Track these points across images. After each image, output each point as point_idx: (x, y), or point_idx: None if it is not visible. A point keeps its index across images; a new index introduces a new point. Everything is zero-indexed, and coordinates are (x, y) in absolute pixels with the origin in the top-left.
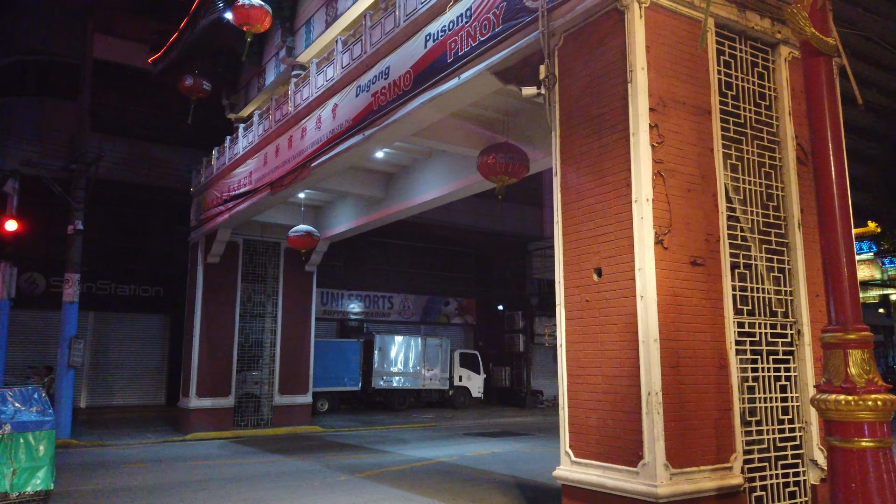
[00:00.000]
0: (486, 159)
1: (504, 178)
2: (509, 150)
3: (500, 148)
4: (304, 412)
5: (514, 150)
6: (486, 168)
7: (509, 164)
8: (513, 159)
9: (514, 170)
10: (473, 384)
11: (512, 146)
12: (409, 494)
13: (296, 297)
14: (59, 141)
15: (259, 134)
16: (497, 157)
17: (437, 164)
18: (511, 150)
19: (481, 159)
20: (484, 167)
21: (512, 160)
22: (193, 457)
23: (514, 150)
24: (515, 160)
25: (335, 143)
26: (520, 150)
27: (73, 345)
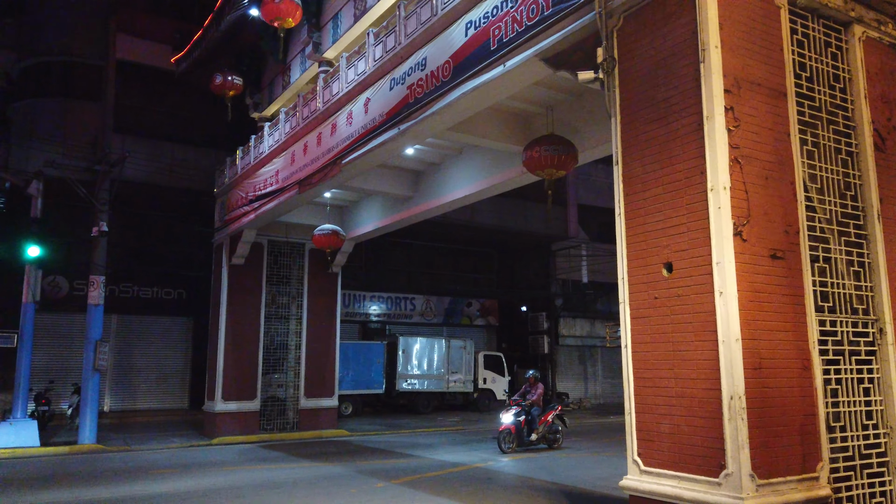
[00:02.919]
0: (532, 153)
1: (552, 172)
2: (556, 141)
3: (546, 140)
4: (331, 416)
5: (561, 142)
6: (533, 162)
7: (557, 156)
8: (560, 151)
9: (563, 162)
10: (498, 387)
11: (559, 138)
12: (452, 503)
13: (320, 299)
14: (81, 142)
15: (286, 132)
16: (544, 149)
17: (468, 160)
18: (558, 142)
19: (527, 153)
20: (531, 161)
21: (560, 152)
22: (222, 462)
23: (562, 142)
24: (563, 152)
25: (368, 139)
26: (567, 141)
27: (98, 348)
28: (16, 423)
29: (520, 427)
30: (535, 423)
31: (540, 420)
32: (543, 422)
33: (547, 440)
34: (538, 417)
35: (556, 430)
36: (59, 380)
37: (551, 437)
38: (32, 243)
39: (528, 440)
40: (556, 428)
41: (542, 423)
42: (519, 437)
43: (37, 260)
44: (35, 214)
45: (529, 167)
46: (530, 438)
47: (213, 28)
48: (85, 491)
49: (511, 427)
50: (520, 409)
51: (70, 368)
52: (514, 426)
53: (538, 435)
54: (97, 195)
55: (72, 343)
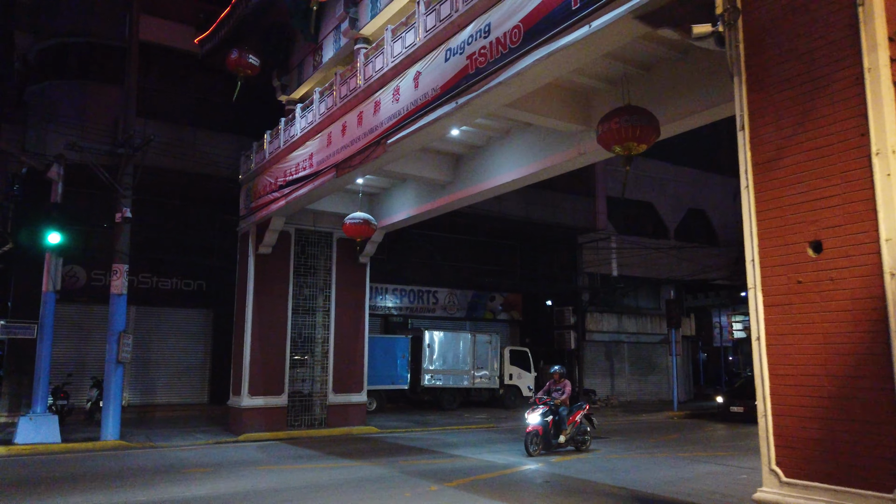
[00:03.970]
0: (609, 125)
1: (632, 146)
2: (636, 112)
3: (625, 111)
4: (359, 412)
5: (641, 113)
6: (612, 134)
7: (639, 127)
8: (642, 122)
9: (644, 135)
10: (524, 383)
11: (637, 109)
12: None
13: (349, 291)
14: (101, 126)
15: (321, 113)
16: (625, 120)
17: (516, 142)
18: (639, 113)
19: (604, 126)
20: (607, 134)
21: (641, 123)
22: (255, 461)
23: (642, 113)
24: (645, 123)
25: (418, 116)
26: (648, 112)
27: (122, 340)
28: (36, 418)
29: (547, 428)
30: (564, 423)
31: (568, 420)
32: (571, 422)
33: (575, 442)
34: (566, 418)
35: (584, 432)
36: (77, 373)
37: (580, 438)
38: (53, 230)
39: (556, 442)
40: (584, 429)
41: (569, 423)
42: (546, 439)
43: (57, 247)
44: (55, 199)
45: (605, 141)
46: (558, 440)
47: (242, 5)
48: (119, 494)
49: (538, 428)
50: (547, 408)
51: (87, 361)
52: (541, 427)
53: (566, 437)
54: (120, 180)
55: (89, 335)
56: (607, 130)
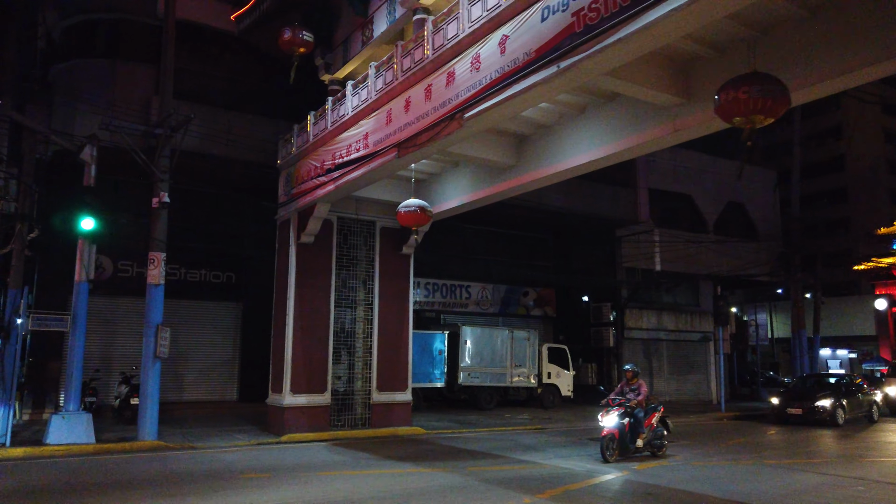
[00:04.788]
0: (735, 94)
1: (757, 119)
2: (763, 81)
3: (750, 80)
4: (404, 411)
5: (769, 82)
6: (735, 106)
7: (768, 99)
8: (771, 92)
9: (774, 106)
10: (563, 382)
11: (764, 76)
12: None
13: (392, 283)
14: (131, 107)
15: (378, 89)
16: (755, 89)
17: (594, 120)
18: (766, 82)
19: (725, 95)
20: (730, 105)
21: (769, 94)
22: (311, 465)
23: (770, 82)
24: (774, 93)
25: (505, 84)
26: (776, 80)
27: (159, 333)
28: (69, 416)
29: (623, 431)
30: (641, 426)
31: (644, 423)
32: (647, 425)
33: (652, 447)
34: (643, 420)
35: (660, 436)
36: (104, 369)
37: (657, 443)
38: (86, 215)
39: (633, 447)
40: (660, 433)
41: (646, 426)
42: (622, 444)
43: (91, 233)
44: (88, 183)
45: (726, 112)
46: (635, 445)
47: None
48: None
49: (614, 431)
50: (623, 410)
51: (115, 356)
52: (617, 430)
53: (644, 441)
54: (157, 162)
55: (116, 328)
56: (732, 101)
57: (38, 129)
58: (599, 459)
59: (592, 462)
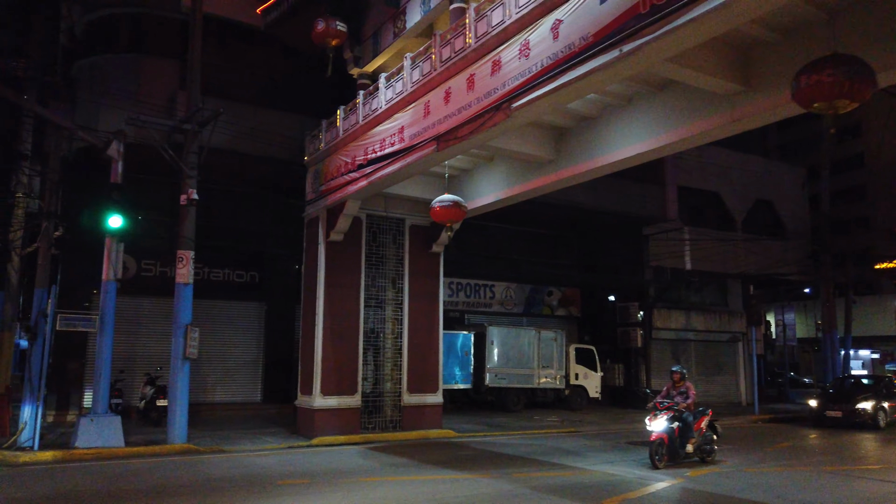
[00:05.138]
0: (815, 77)
1: (840, 104)
2: (847, 62)
3: (833, 62)
4: (435, 414)
5: (853, 63)
6: (816, 90)
7: (853, 82)
8: (856, 74)
9: (859, 90)
10: (591, 383)
11: (848, 57)
12: None
13: (422, 282)
14: (155, 102)
15: (414, 80)
16: (842, 71)
17: (643, 110)
18: (850, 63)
19: (806, 79)
20: (811, 89)
21: (854, 76)
22: (349, 470)
23: (854, 62)
24: (860, 76)
25: (559, 71)
26: (860, 61)
27: (188, 334)
28: (97, 419)
29: (673, 436)
30: (691, 431)
31: (694, 427)
32: (697, 429)
33: (702, 452)
34: (692, 424)
35: (709, 441)
36: (128, 369)
37: (707, 448)
38: (114, 212)
39: (683, 452)
40: (709, 437)
41: (695, 430)
42: (671, 449)
43: (119, 231)
44: (115, 179)
45: (806, 97)
46: (685, 450)
47: None
48: None
49: (663, 436)
50: (672, 414)
51: (138, 357)
52: (666, 435)
53: (694, 446)
54: (185, 158)
55: (140, 329)
56: (814, 84)
57: (65, 124)
58: (648, 465)
59: (641, 468)
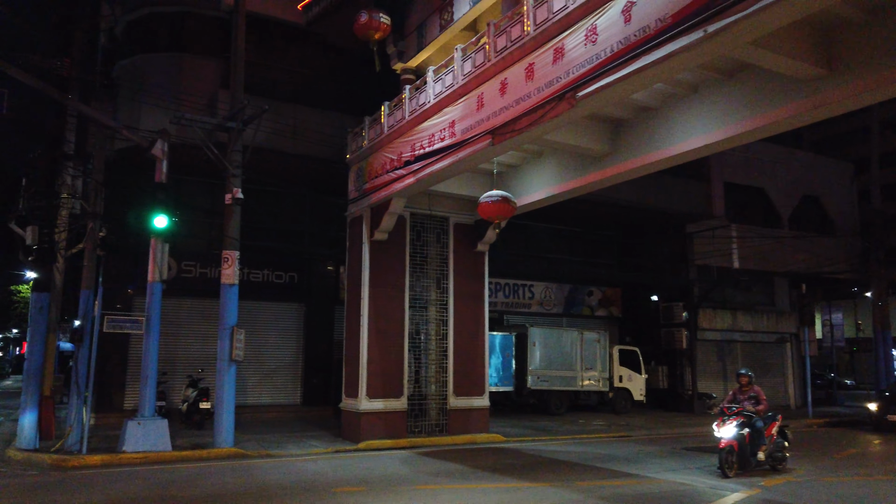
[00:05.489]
0: None
1: None
2: None
3: None
4: (481, 417)
5: None
6: None
7: None
8: None
9: None
10: (635, 385)
11: None
12: None
13: (466, 282)
14: (196, 101)
15: (466, 73)
16: None
17: (711, 99)
18: None
19: None
20: None
21: None
22: (403, 477)
23: None
24: None
25: (631, 57)
26: None
27: (234, 335)
28: (145, 422)
29: (743, 443)
30: (762, 437)
31: (765, 433)
32: (768, 436)
33: (773, 459)
34: (763, 430)
35: (780, 447)
36: (170, 371)
37: (778, 455)
38: (160, 212)
39: (754, 460)
40: (780, 444)
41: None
42: (742, 457)
43: (164, 231)
44: (160, 179)
45: None
46: (756, 458)
47: None
48: None
49: (733, 443)
50: (742, 419)
51: (179, 358)
52: (736, 442)
53: (765, 453)
54: (230, 157)
55: (180, 330)
56: None
57: (111, 124)
58: (715, 474)
59: (709, 476)
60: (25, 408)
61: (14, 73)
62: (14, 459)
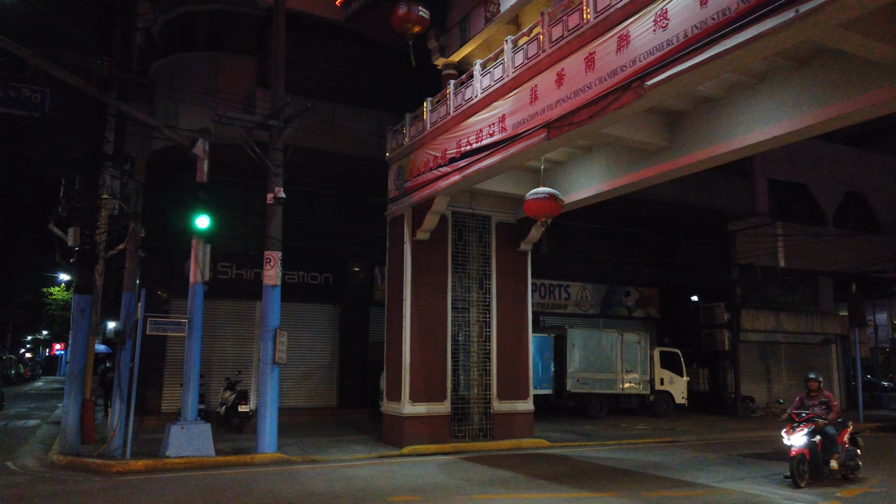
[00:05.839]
0: None
1: None
2: None
3: None
4: (525, 421)
5: None
6: None
7: None
8: None
9: None
10: (677, 388)
11: None
12: None
13: (509, 283)
14: (234, 100)
15: (517, 65)
16: None
17: (781, 87)
18: None
19: None
20: None
21: None
22: (454, 484)
23: None
24: None
25: (709, 42)
26: None
27: (277, 338)
28: (188, 426)
29: (815, 451)
30: (835, 445)
31: (837, 440)
32: (840, 443)
33: (846, 468)
34: (835, 438)
35: (853, 456)
36: (206, 374)
37: (851, 464)
38: (201, 213)
39: (827, 469)
40: (853, 452)
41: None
42: (813, 465)
43: (205, 232)
44: (201, 178)
45: None
46: (829, 467)
47: None
48: None
49: (805, 451)
50: (813, 426)
51: (214, 361)
52: (808, 450)
53: (838, 462)
54: (271, 156)
55: (215, 332)
56: None
57: (153, 123)
58: (785, 483)
59: (779, 486)
60: (68, 411)
61: (57, 73)
62: (58, 464)
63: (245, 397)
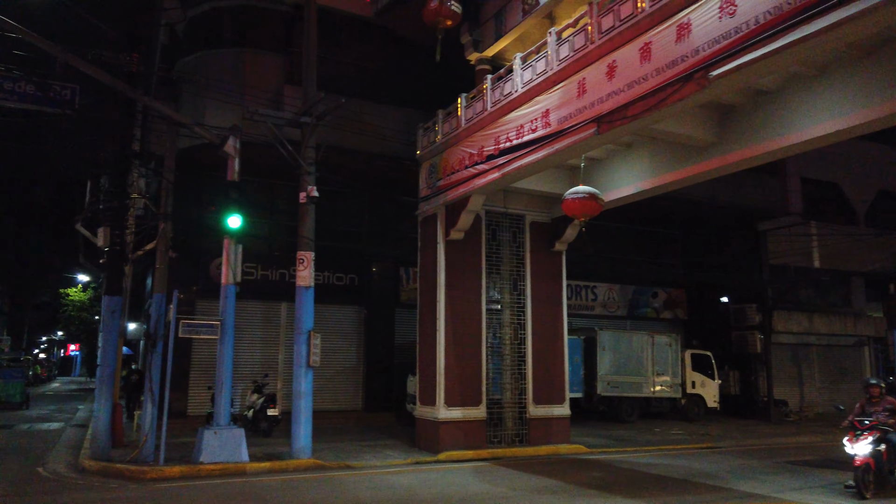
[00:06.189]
0: None
1: None
2: None
3: None
4: (562, 427)
5: None
6: None
7: None
8: None
9: None
10: (708, 392)
11: None
12: None
13: (544, 284)
14: (262, 97)
15: (562, 57)
16: None
17: (843, 80)
18: None
19: None
20: None
21: None
22: (500, 494)
23: None
24: None
25: (785, 28)
26: None
27: (311, 340)
28: (221, 431)
29: (880, 461)
30: None
31: None
32: None
33: None
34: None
35: None
36: (233, 377)
37: None
38: (232, 212)
39: (893, 479)
40: None
41: None
42: (879, 475)
43: (237, 232)
44: (232, 177)
45: None
46: (895, 476)
47: None
48: None
49: (869, 461)
50: (878, 434)
51: (240, 363)
52: (872, 460)
53: None
54: (303, 154)
55: (241, 334)
56: None
57: (185, 121)
58: (848, 494)
59: (842, 498)
60: (100, 415)
61: (87, 69)
62: (90, 470)
63: (273, 400)
